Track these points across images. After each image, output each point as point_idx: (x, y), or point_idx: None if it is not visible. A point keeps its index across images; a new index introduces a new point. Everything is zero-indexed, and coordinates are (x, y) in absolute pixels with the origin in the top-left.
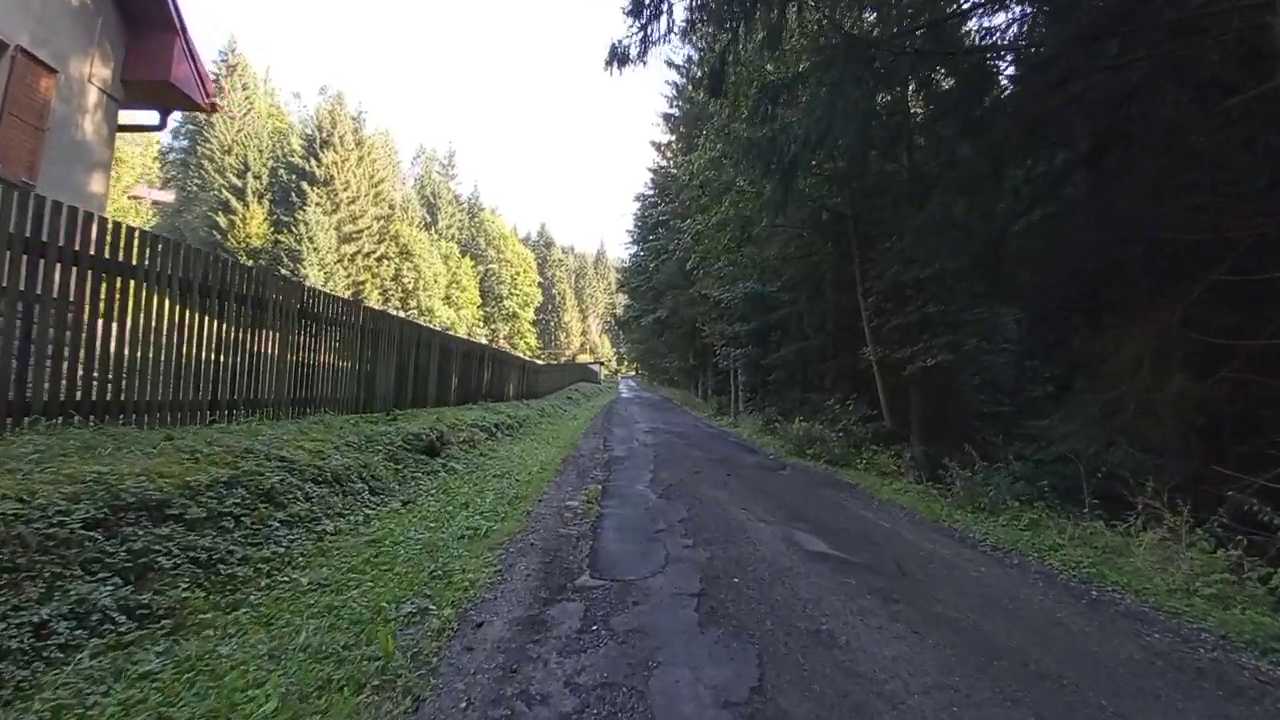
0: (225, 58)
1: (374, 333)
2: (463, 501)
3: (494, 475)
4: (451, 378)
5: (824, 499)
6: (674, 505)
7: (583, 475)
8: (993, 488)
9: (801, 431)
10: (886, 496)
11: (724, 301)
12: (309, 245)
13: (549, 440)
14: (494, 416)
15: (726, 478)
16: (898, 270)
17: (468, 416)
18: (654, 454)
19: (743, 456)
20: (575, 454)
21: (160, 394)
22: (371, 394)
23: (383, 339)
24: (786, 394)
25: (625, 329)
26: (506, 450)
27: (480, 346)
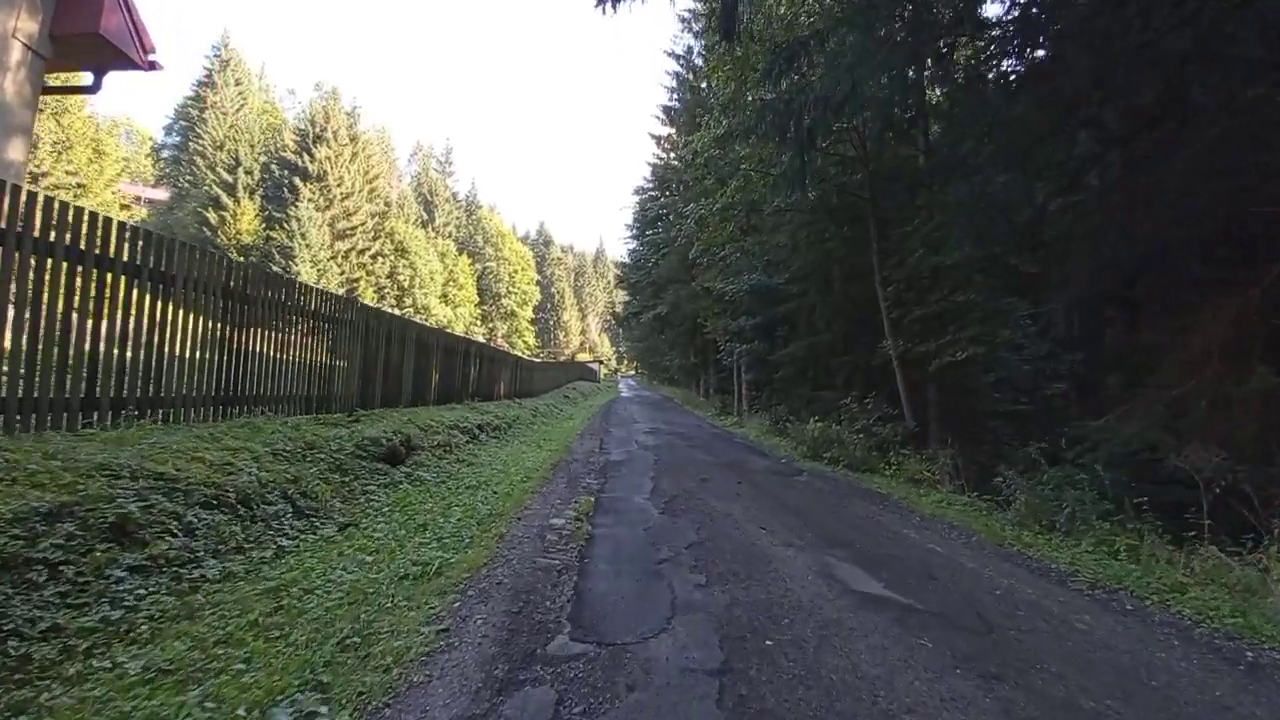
0: (218, 53)
1: (332, 321)
2: (421, 523)
3: (468, 486)
4: (431, 374)
5: (855, 514)
6: (680, 524)
7: (574, 484)
8: (1068, 504)
9: (817, 433)
10: (929, 510)
11: (728, 295)
12: (301, 241)
13: (540, 443)
14: (479, 417)
15: (737, 486)
16: (921, 256)
17: (447, 417)
18: (655, 458)
19: (752, 460)
20: (568, 458)
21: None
22: (328, 392)
23: (344, 329)
24: (794, 392)
25: (624, 326)
26: (490, 455)
27: (465, 341)
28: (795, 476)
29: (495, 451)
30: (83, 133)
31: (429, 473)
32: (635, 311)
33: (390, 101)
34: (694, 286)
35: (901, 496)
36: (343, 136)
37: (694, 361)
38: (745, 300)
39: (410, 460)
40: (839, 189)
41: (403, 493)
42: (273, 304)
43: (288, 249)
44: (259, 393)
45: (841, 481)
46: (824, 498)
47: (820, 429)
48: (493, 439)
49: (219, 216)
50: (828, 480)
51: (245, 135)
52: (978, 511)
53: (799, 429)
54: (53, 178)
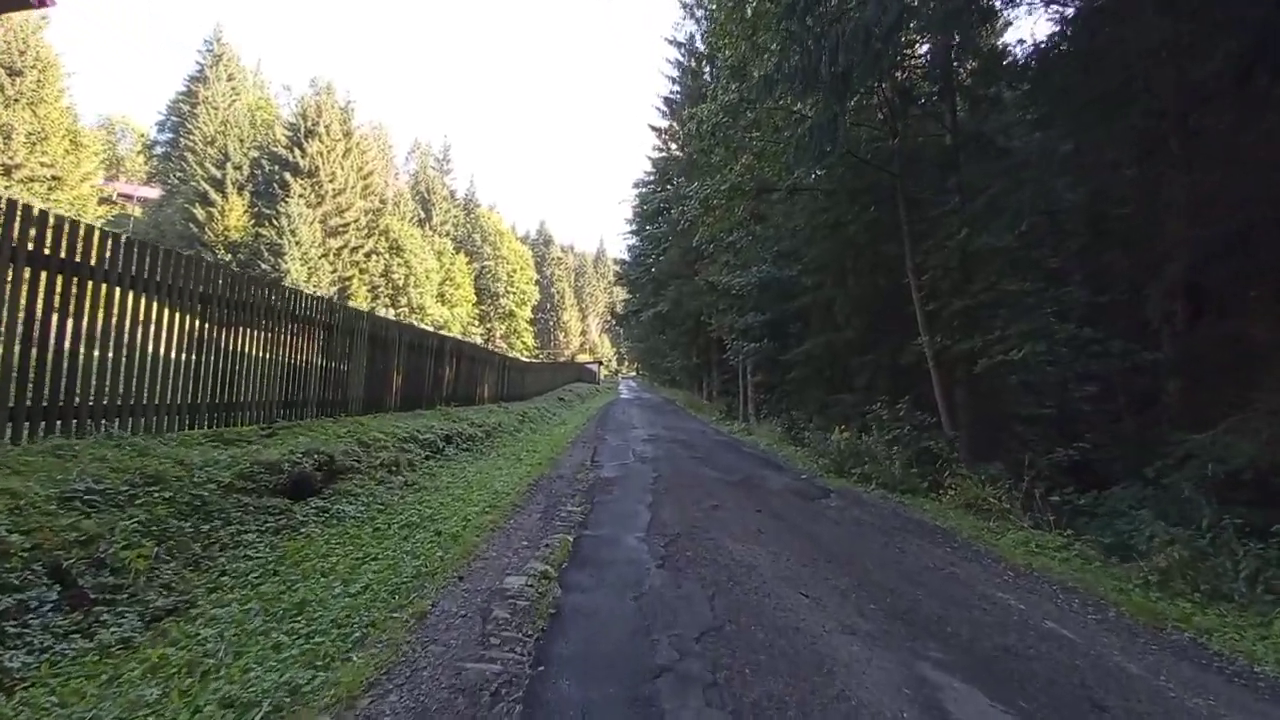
0: (211, 47)
1: (234, 305)
2: (299, 599)
3: (404, 526)
4: (392, 376)
5: (921, 563)
6: (686, 586)
7: (551, 514)
8: (1243, 564)
9: (843, 444)
10: (1019, 559)
11: (736, 289)
12: (291, 239)
13: (521, 455)
14: (449, 425)
15: (756, 516)
16: (965, 238)
17: (406, 427)
18: (653, 473)
19: (768, 477)
20: (551, 475)
21: None
22: (231, 399)
23: (255, 316)
24: (809, 395)
25: (624, 325)
26: (453, 474)
27: (437, 337)
28: (822, 499)
29: (462, 469)
30: (59, 123)
31: (356, 505)
32: (635, 309)
33: (388, 100)
34: (697, 281)
35: (970, 534)
36: (335, 131)
37: (696, 362)
38: (754, 295)
39: (332, 489)
40: (865, 161)
41: (301, 542)
42: (142, 283)
43: (277, 246)
44: (110, 401)
45: (883, 508)
46: (870, 534)
47: (846, 440)
48: (463, 452)
49: (206, 213)
50: (865, 506)
51: (235, 130)
52: (1085, 562)
53: (819, 438)
54: (26, 169)
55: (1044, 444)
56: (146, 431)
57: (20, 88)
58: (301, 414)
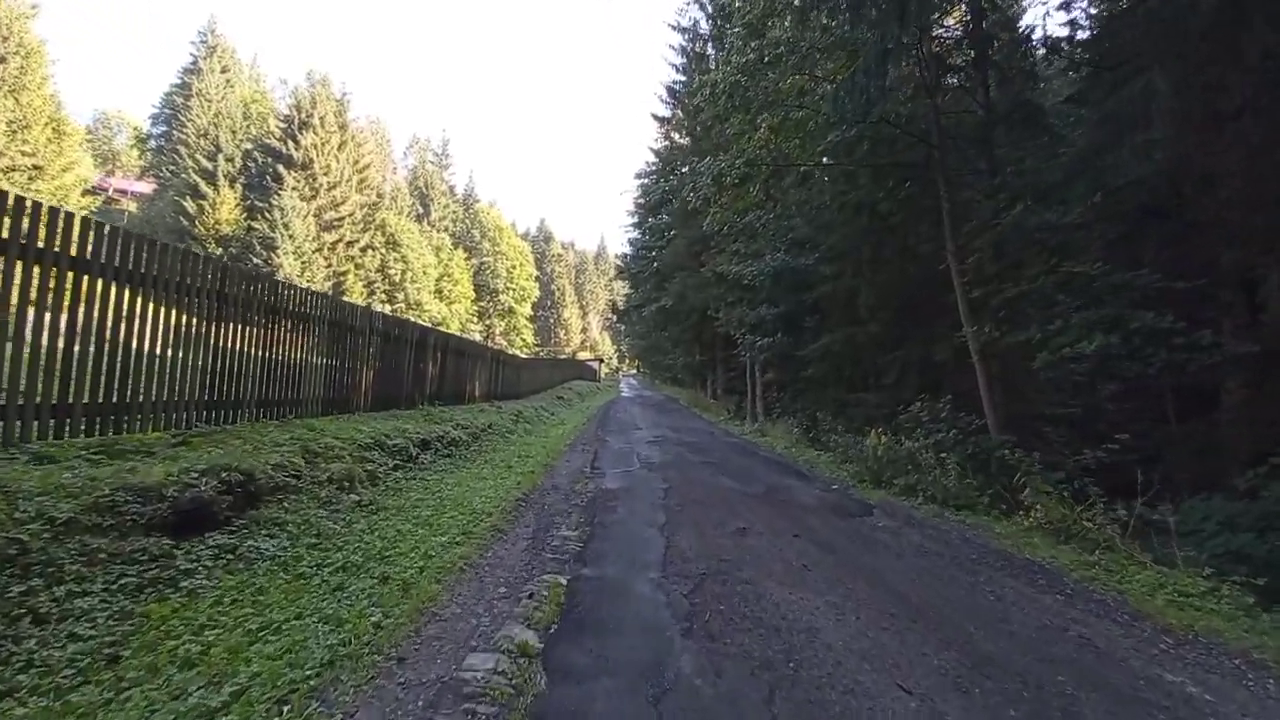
0: (205, 39)
1: (120, 274)
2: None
3: (336, 569)
4: (361, 371)
5: (1038, 624)
6: (728, 676)
7: (540, 541)
8: None
9: (881, 450)
10: (1169, 616)
11: (748, 278)
12: (284, 232)
13: (512, 461)
14: (428, 428)
15: (796, 545)
16: (1020, 214)
17: (373, 431)
18: (663, 483)
19: (794, 488)
20: (545, 485)
21: None
22: (125, 399)
23: (170, 295)
24: (826, 394)
25: (625, 320)
26: (426, 488)
27: (418, 328)
28: (866, 517)
29: (438, 482)
30: (42, 111)
31: (279, 540)
32: (637, 304)
33: (387, 96)
34: (704, 273)
35: (1078, 573)
36: (330, 123)
37: (700, 359)
38: (767, 286)
39: (249, 518)
40: (900, 130)
41: (173, 605)
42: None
43: (269, 239)
44: None
45: (946, 532)
46: (946, 571)
47: (885, 445)
48: (443, 460)
49: (197, 206)
50: (922, 528)
51: (227, 121)
52: (1251, 619)
53: (846, 442)
54: (7, 158)
55: (1069, 446)
56: (34, 433)
57: (2, 74)
58: (233, 417)
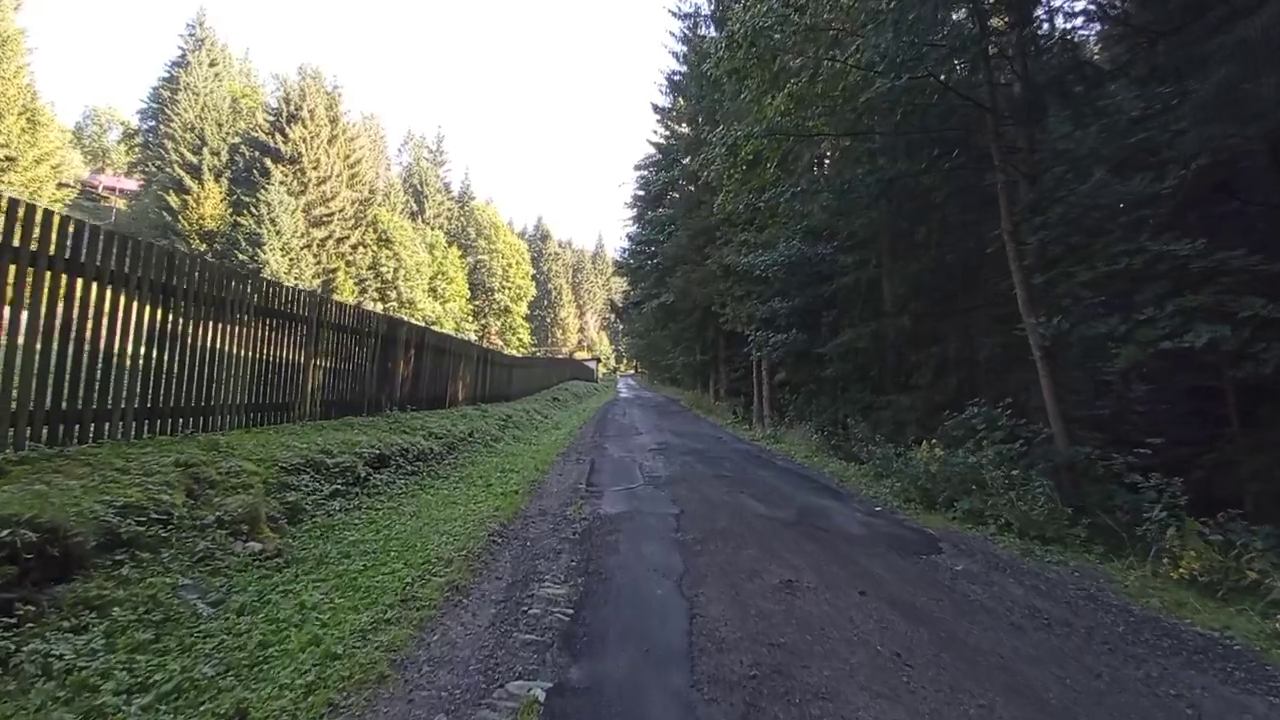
0: (193, 31)
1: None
2: None
3: (149, 703)
4: (305, 370)
5: None
6: None
7: (514, 610)
8: None
9: (935, 466)
10: None
11: (760, 269)
12: (271, 228)
13: (494, 478)
14: (390, 441)
15: (865, 607)
16: (1096, 185)
17: (311, 446)
18: (673, 507)
19: (830, 511)
20: (530, 511)
21: None
22: None
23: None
24: (847, 396)
25: (624, 317)
26: (370, 522)
27: (386, 320)
28: (934, 556)
29: (391, 511)
30: (15, 100)
31: (87, 640)
32: (637, 301)
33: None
34: (708, 266)
35: (1263, 653)
36: (320, 116)
37: (701, 359)
38: (780, 278)
39: (56, 596)
40: (947, 88)
41: None
42: None
43: (255, 236)
44: None
45: (1054, 583)
46: (1103, 663)
47: (939, 460)
48: (406, 478)
49: (181, 200)
50: (1017, 575)
51: (213, 114)
52: None
53: (885, 453)
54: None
55: (1099, 452)
56: None
57: None
58: (95, 433)
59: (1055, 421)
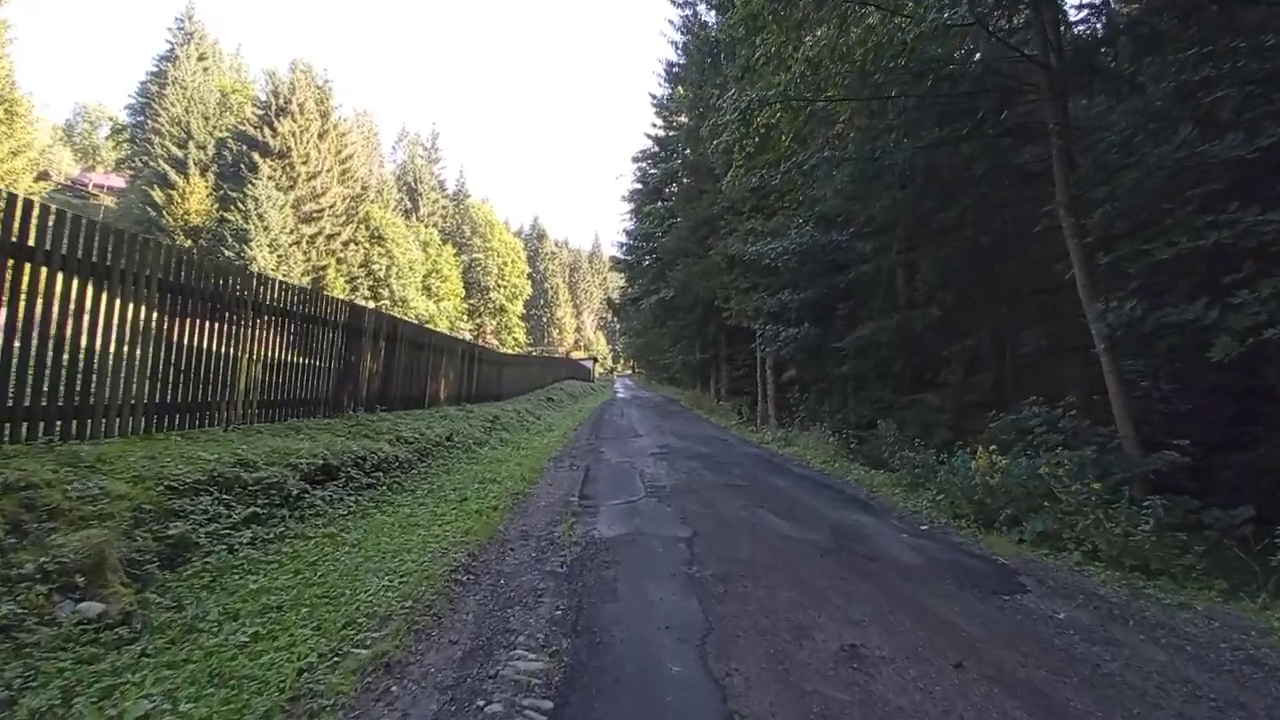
0: (182, 25)
1: None
2: None
3: None
4: (239, 364)
5: None
6: None
7: (464, 706)
8: None
9: (996, 478)
10: None
11: (769, 258)
12: (258, 223)
13: (470, 490)
14: (343, 448)
15: (973, 694)
16: (1177, 147)
17: (223, 457)
18: (683, 528)
19: (869, 530)
20: (509, 535)
21: None
22: None
23: None
24: (866, 395)
25: (621, 314)
26: (293, 557)
27: (348, 307)
28: (1020, 596)
29: (325, 542)
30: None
31: None
32: (635, 297)
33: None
34: (711, 258)
35: None
36: (311, 110)
37: (701, 357)
38: (791, 268)
39: None
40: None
41: None
42: None
43: (242, 231)
44: None
45: (1202, 643)
46: None
47: (994, 467)
48: (359, 494)
49: (166, 195)
50: (1148, 631)
51: (199, 107)
52: None
53: (924, 460)
54: None
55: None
56: None
57: None
58: None
59: (1124, 424)
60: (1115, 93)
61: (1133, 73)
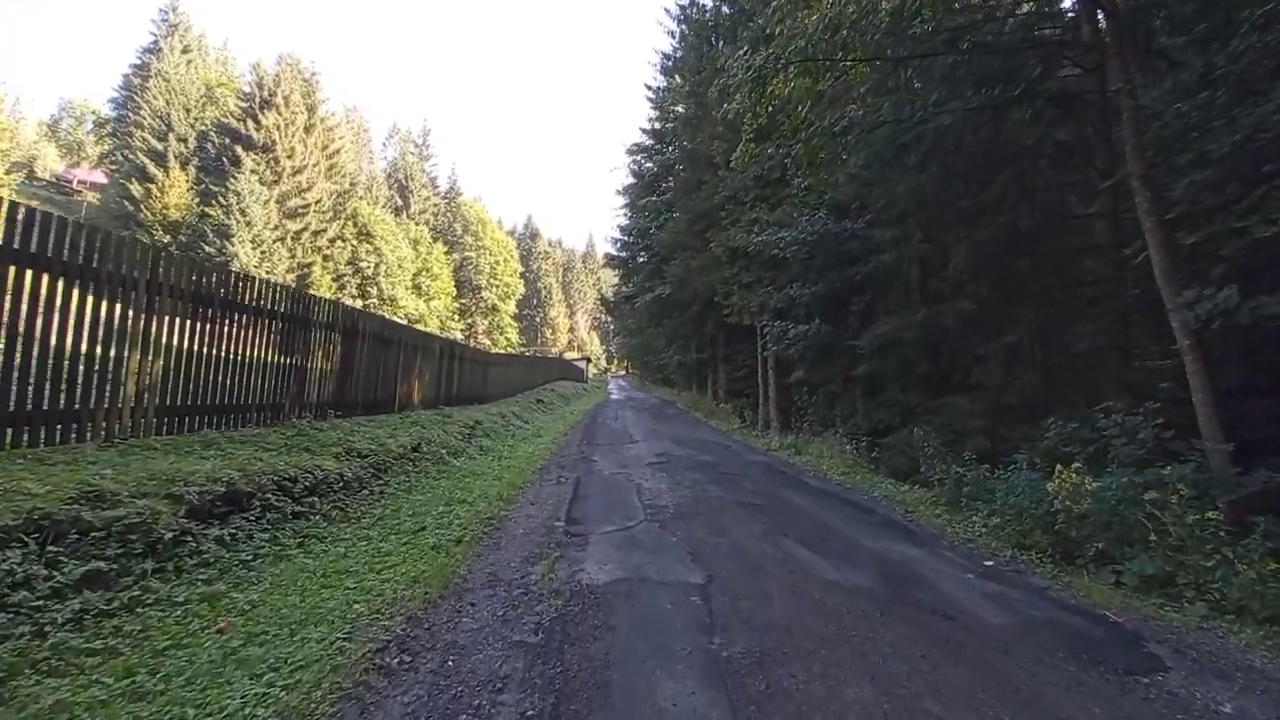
0: (166, 17)
1: None
2: None
3: None
4: (123, 364)
5: None
6: None
7: None
8: None
9: (1084, 504)
10: None
11: (778, 248)
12: (240, 219)
13: (431, 516)
14: (274, 466)
15: None
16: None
17: (61, 482)
18: (695, 569)
19: (924, 567)
20: (470, 582)
21: None
22: None
23: None
24: (884, 398)
25: (615, 312)
26: (151, 623)
27: (288, 293)
28: (1160, 676)
29: (208, 599)
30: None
31: None
32: (629, 295)
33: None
34: (711, 251)
35: None
36: (296, 102)
37: (698, 357)
38: (801, 260)
39: None
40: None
41: None
42: None
43: (224, 227)
44: None
45: None
46: None
47: (1080, 485)
48: (276, 528)
49: (144, 189)
50: None
51: (180, 98)
52: None
53: (976, 477)
54: None
55: None
56: None
57: None
58: None
59: (1213, 435)
60: (1198, 42)
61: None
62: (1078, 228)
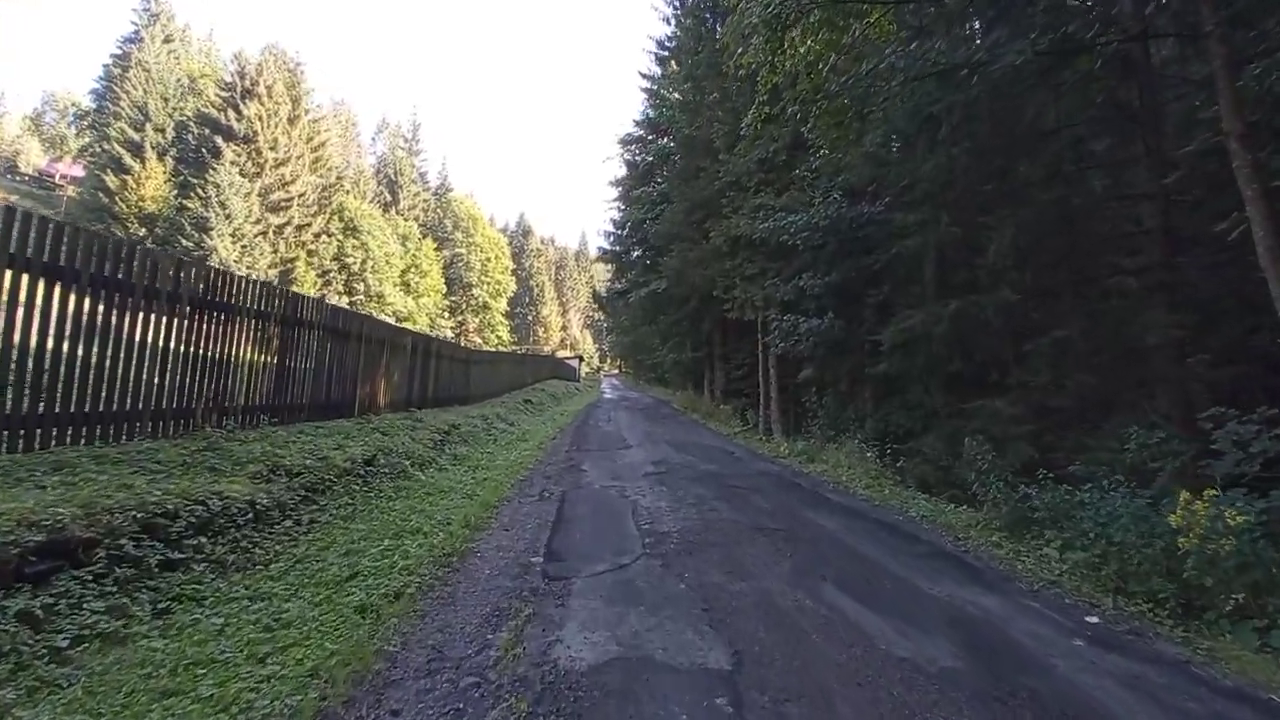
0: (148, 6)
1: None
2: None
3: None
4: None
5: None
6: None
7: None
8: None
9: (1227, 545)
10: None
11: (786, 234)
12: (219, 211)
13: (371, 551)
14: (147, 497)
15: None
16: None
17: None
18: (709, 625)
19: (1011, 627)
20: (403, 666)
21: None
22: None
23: None
24: (906, 399)
25: (608, 308)
26: None
27: (204, 272)
28: None
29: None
30: None
31: None
32: (622, 290)
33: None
34: (711, 242)
35: None
36: (280, 93)
37: (694, 356)
38: (812, 246)
39: None
40: None
41: None
42: None
43: (202, 219)
44: None
45: None
46: None
47: (1229, 533)
48: (129, 596)
49: (120, 181)
50: None
51: (158, 87)
52: None
53: (1054, 501)
54: None
55: None
56: None
57: None
58: None
59: None
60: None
61: None
62: (1114, 212)
